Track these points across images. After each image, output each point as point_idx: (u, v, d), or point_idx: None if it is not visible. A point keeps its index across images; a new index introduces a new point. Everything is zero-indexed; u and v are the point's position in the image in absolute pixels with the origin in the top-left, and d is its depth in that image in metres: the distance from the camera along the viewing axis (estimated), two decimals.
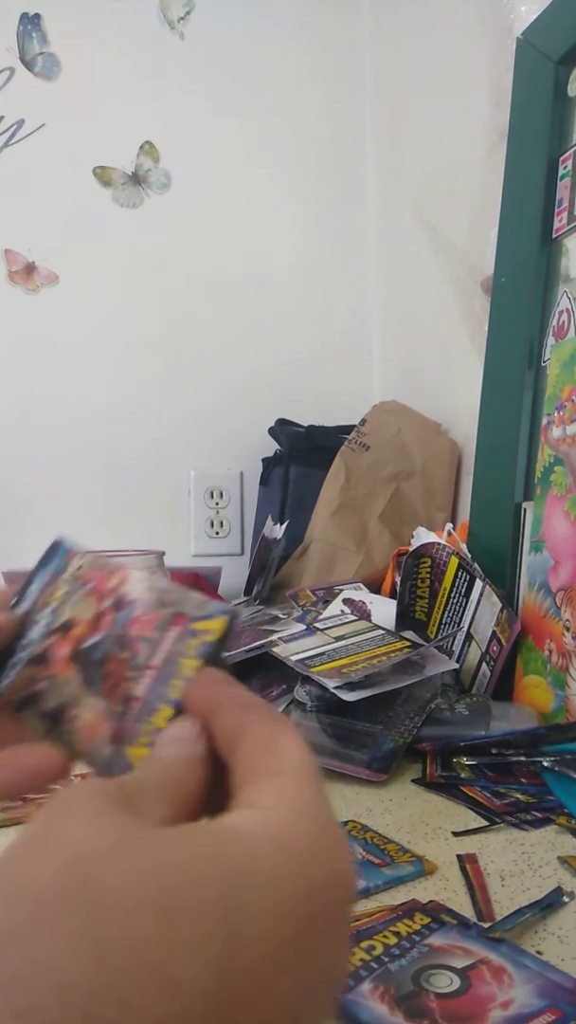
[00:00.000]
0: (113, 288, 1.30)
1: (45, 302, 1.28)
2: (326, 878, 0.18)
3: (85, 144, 1.28)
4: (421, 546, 0.85)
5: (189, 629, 0.27)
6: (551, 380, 0.78)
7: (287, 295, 1.39)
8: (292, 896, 0.17)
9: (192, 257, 1.34)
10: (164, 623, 0.27)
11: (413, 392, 1.24)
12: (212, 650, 0.26)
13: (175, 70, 1.31)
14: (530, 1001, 0.35)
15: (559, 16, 0.85)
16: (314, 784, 0.21)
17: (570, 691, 0.69)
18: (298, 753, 0.21)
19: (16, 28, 1.24)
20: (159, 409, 1.32)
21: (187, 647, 0.26)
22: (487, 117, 1.02)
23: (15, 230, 1.26)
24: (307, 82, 1.39)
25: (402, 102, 1.32)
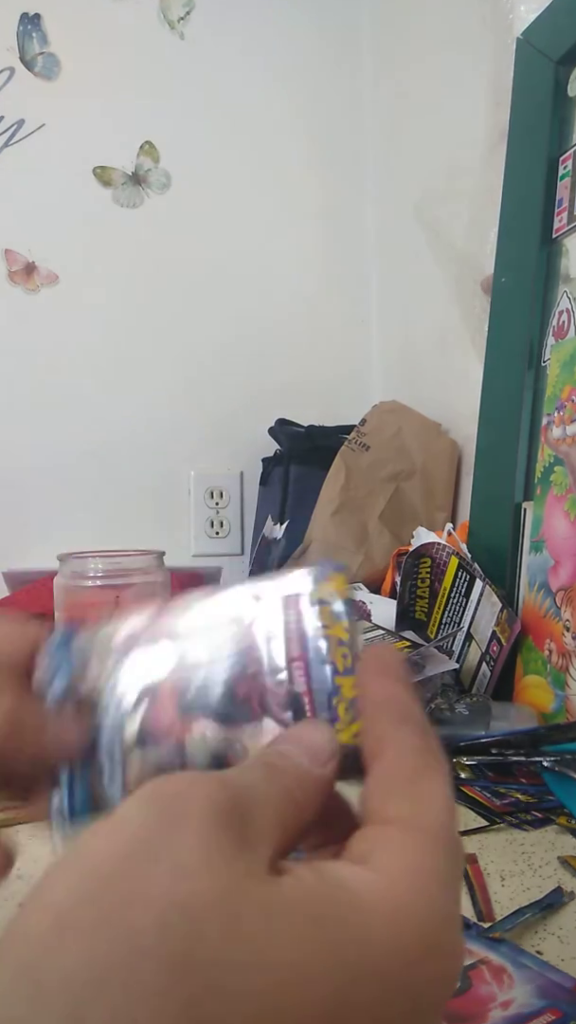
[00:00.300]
0: (113, 288, 1.30)
1: (45, 302, 1.28)
2: (434, 980, 0.16)
3: (85, 144, 1.28)
4: (421, 546, 0.85)
5: (311, 600, 0.23)
6: (551, 380, 0.78)
7: (287, 295, 1.39)
8: (397, 997, 0.16)
9: (192, 257, 1.34)
10: (276, 613, 0.23)
11: (413, 392, 1.24)
12: (350, 607, 0.23)
13: (175, 70, 1.31)
14: (530, 1001, 0.35)
15: (559, 16, 0.85)
16: (448, 852, 0.18)
17: (570, 691, 0.69)
18: (440, 804, 0.19)
19: (16, 28, 1.24)
20: (159, 409, 1.32)
21: (322, 616, 0.23)
22: (487, 117, 1.02)
23: (15, 230, 1.26)
24: (307, 82, 1.39)
25: (402, 102, 1.32)
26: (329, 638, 0.22)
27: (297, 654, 0.23)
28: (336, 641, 0.22)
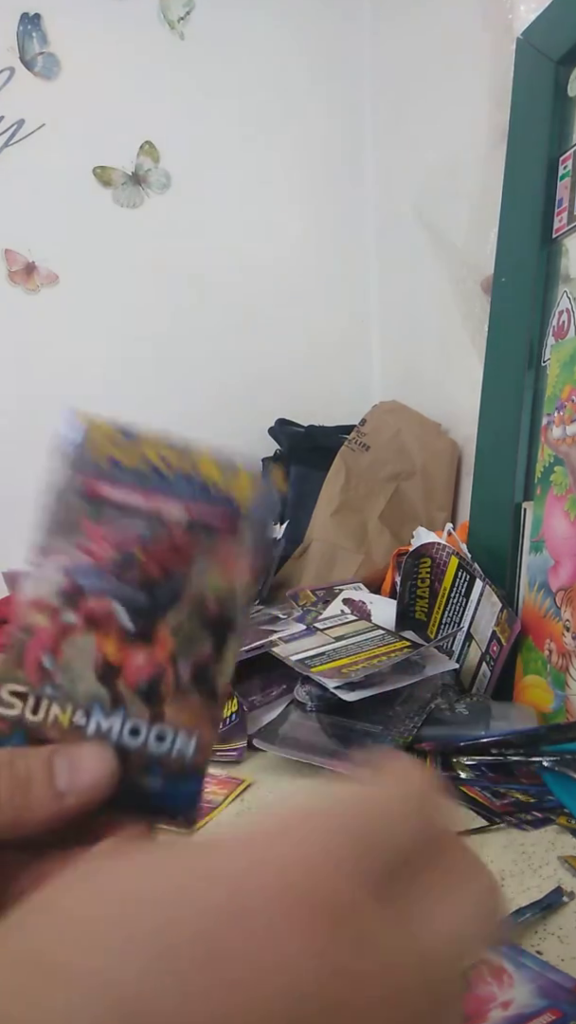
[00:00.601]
0: (113, 288, 1.30)
1: (45, 302, 1.28)
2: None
3: (85, 144, 1.28)
4: (421, 546, 0.85)
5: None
6: (551, 380, 0.78)
7: (287, 295, 1.39)
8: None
9: (192, 257, 1.34)
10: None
11: (413, 392, 1.24)
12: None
13: (175, 70, 1.31)
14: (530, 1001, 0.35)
15: (559, 16, 0.85)
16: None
17: (570, 691, 0.69)
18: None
19: (16, 28, 1.24)
20: (158, 409, 1.31)
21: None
22: (487, 117, 1.02)
23: (15, 230, 1.26)
24: (307, 82, 1.39)
25: (402, 102, 1.32)
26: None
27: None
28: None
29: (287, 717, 0.69)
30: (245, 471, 0.25)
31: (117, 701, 0.23)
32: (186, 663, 0.24)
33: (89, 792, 0.22)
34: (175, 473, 0.24)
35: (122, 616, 0.24)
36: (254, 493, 0.25)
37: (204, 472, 0.24)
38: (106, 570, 0.24)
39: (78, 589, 0.24)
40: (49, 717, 0.23)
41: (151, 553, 0.24)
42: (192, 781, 0.24)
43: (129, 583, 0.24)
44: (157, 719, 0.24)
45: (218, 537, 0.24)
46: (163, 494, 0.24)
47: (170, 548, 0.24)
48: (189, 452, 0.24)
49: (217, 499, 0.24)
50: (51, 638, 0.23)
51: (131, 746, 0.23)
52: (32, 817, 0.21)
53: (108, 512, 0.24)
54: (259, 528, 0.25)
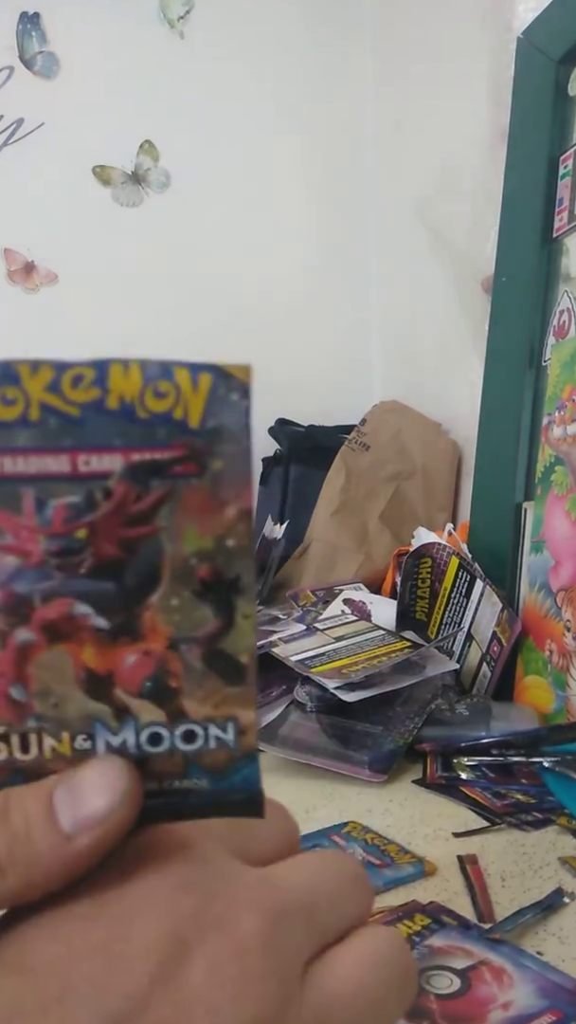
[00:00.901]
0: (112, 287, 1.30)
1: (44, 301, 1.28)
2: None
3: (84, 143, 1.28)
4: (421, 546, 0.85)
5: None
6: (552, 380, 0.78)
7: (287, 294, 1.39)
8: None
9: (191, 256, 1.34)
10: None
11: (413, 392, 1.24)
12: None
13: (175, 69, 1.31)
14: (531, 1002, 0.35)
15: (559, 15, 0.85)
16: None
17: (571, 692, 0.68)
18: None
19: (15, 27, 1.24)
20: None
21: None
22: (487, 117, 1.02)
23: (14, 229, 1.26)
24: (307, 82, 1.38)
25: (402, 102, 1.32)
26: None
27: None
28: None
29: (287, 718, 0.69)
30: (183, 371, 0.18)
31: (122, 713, 0.19)
32: (192, 646, 0.19)
33: (103, 825, 0.18)
34: (86, 410, 0.18)
35: (91, 615, 0.19)
36: (207, 401, 0.18)
37: (125, 394, 0.18)
38: (47, 566, 0.18)
39: (21, 599, 0.18)
40: (45, 750, 0.19)
41: (98, 528, 0.18)
42: (244, 768, 0.20)
43: (83, 574, 0.18)
44: (178, 718, 0.19)
45: (178, 478, 0.18)
46: (84, 445, 0.18)
47: (120, 514, 0.18)
48: (98, 372, 0.18)
49: (155, 426, 0.18)
50: (10, 665, 0.19)
51: (156, 754, 0.19)
52: (42, 874, 0.17)
53: (20, 491, 0.18)
54: (231, 445, 0.18)
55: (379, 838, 0.51)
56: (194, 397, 0.18)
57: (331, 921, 0.19)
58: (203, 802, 0.20)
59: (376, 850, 0.49)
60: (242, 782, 0.20)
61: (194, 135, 1.33)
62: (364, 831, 0.52)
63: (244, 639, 0.19)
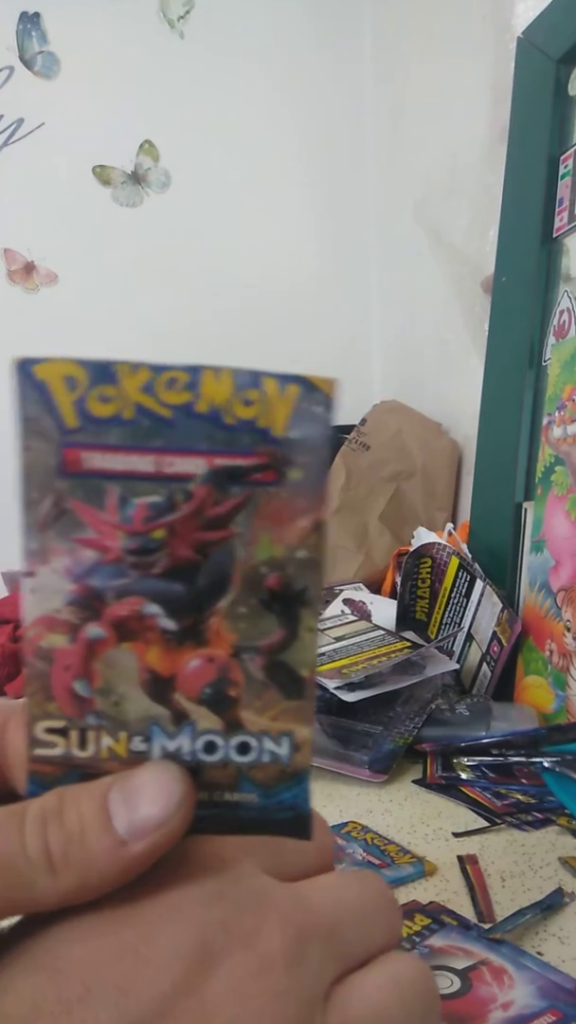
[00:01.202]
0: (112, 287, 1.30)
1: (44, 301, 1.28)
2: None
3: (84, 143, 1.28)
4: (421, 546, 0.85)
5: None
6: (552, 380, 0.78)
7: (287, 294, 1.39)
8: None
9: (191, 256, 1.34)
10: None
11: (413, 392, 1.24)
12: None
13: (175, 69, 1.31)
14: (531, 1002, 0.35)
15: (559, 15, 0.85)
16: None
17: (571, 692, 0.68)
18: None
19: (16, 27, 1.24)
20: None
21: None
22: (487, 116, 1.02)
23: (14, 229, 1.26)
24: (307, 81, 1.38)
25: (402, 101, 1.32)
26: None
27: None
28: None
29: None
30: (272, 381, 0.18)
31: (180, 718, 0.19)
32: (254, 655, 0.19)
33: (157, 832, 0.17)
34: (177, 413, 0.18)
35: (160, 616, 0.19)
36: (292, 411, 0.18)
37: (215, 400, 0.18)
38: (123, 563, 0.18)
39: (94, 594, 0.18)
40: (101, 749, 0.19)
41: (176, 530, 0.18)
42: (295, 786, 0.20)
43: (157, 574, 0.18)
44: (234, 728, 0.19)
45: (257, 486, 0.18)
46: (171, 447, 0.18)
47: (198, 518, 0.18)
48: (191, 377, 0.18)
49: (240, 433, 0.18)
50: (78, 659, 0.19)
51: (210, 763, 0.19)
52: (97, 877, 0.17)
53: (106, 488, 0.18)
54: (311, 456, 0.18)
55: (379, 838, 0.51)
56: (280, 407, 0.18)
57: (357, 945, 0.19)
58: (250, 817, 0.20)
59: (376, 850, 0.49)
60: (291, 800, 0.20)
61: (194, 135, 1.33)
62: (364, 831, 0.52)
63: (306, 653, 0.19)
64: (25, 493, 0.18)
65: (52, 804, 0.17)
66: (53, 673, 0.19)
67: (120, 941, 0.16)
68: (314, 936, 0.18)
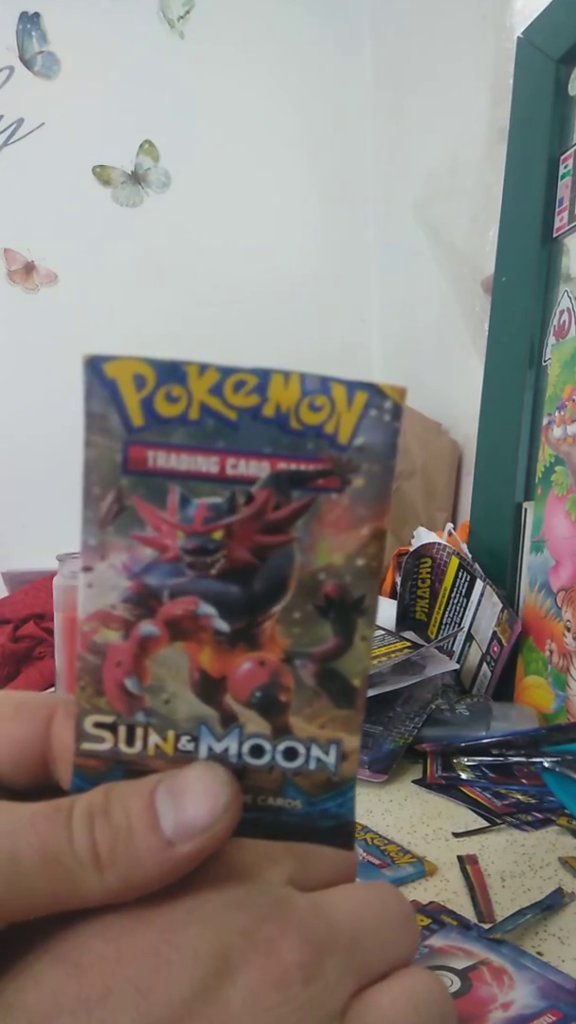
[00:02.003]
0: (112, 287, 1.30)
1: (44, 301, 1.28)
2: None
3: (84, 143, 1.28)
4: (421, 546, 0.85)
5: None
6: (552, 380, 0.78)
7: (287, 294, 1.39)
8: None
9: (191, 256, 1.34)
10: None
11: (413, 392, 1.23)
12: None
13: (175, 69, 1.31)
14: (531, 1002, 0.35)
15: (559, 15, 0.85)
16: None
17: (571, 692, 0.68)
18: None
19: (16, 27, 1.24)
20: None
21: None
22: (487, 116, 1.02)
23: (14, 229, 1.26)
24: (307, 81, 1.38)
25: (402, 101, 1.32)
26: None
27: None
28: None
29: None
30: (341, 388, 0.18)
31: (228, 719, 0.19)
32: (306, 662, 0.19)
33: (204, 834, 0.17)
34: (243, 415, 0.18)
35: (214, 617, 0.19)
36: (359, 418, 0.18)
37: (282, 404, 0.18)
38: (181, 563, 0.18)
39: (150, 591, 0.18)
40: (148, 746, 0.19)
41: (235, 532, 0.18)
42: (340, 795, 0.20)
43: (214, 575, 0.18)
44: (282, 733, 0.19)
45: (319, 491, 0.18)
46: (235, 449, 0.18)
47: (258, 521, 0.18)
48: (260, 380, 0.18)
49: (306, 438, 0.18)
50: (130, 656, 0.19)
51: (256, 767, 0.19)
52: (142, 875, 0.17)
53: (168, 486, 0.18)
54: (376, 465, 0.18)
55: (379, 838, 0.51)
56: (347, 413, 0.18)
57: (375, 959, 0.19)
58: (294, 823, 0.20)
59: (376, 850, 0.49)
60: (336, 808, 0.20)
61: (194, 135, 1.33)
62: (364, 831, 0.52)
63: (359, 662, 0.19)
64: (87, 488, 0.19)
65: (99, 800, 0.17)
66: (105, 668, 0.19)
67: (143, 941, 0.17)
68: (333, 949, 0.18)
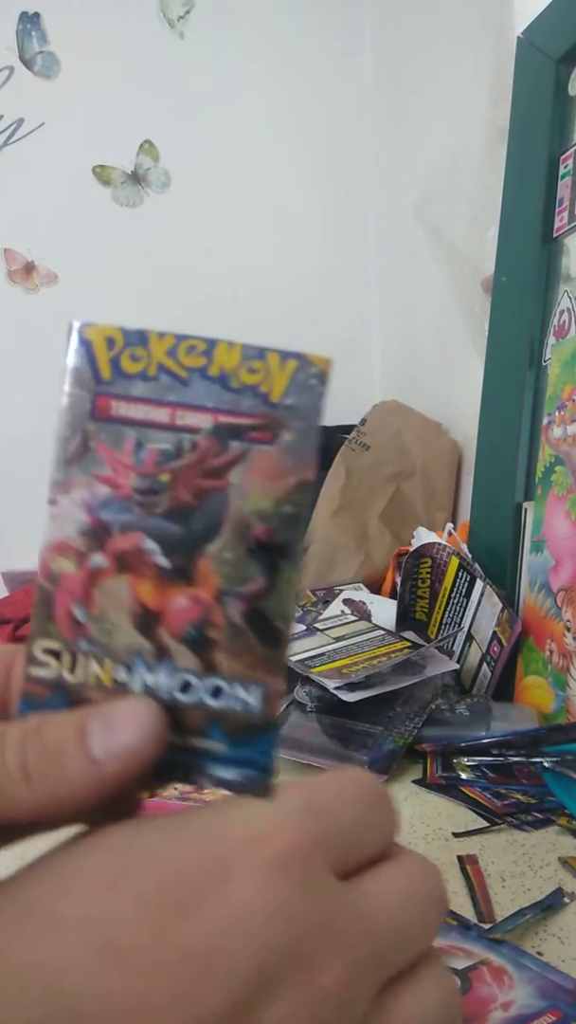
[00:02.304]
0: (112, 287, 1.30)
1: (44, 301, 1.28)
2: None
3: (84, 143, 1.28)
4: (421, 546, 0.85)
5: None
6: (552, 380, 0.78)
7: (287, 294, 1.39)
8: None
9: (191, 256, 1.34)
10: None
11: (413, 392, 1.24)
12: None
13: (175, 69, 1.31)
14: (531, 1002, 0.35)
15: (559, 15, 0.85)
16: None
17: (571, 692, 0.68)
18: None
19: (16, 27, 1.24)
20: None
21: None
22: (487, 116, 1.02)
23: (14, 229, 1.26)
24: (307, 81, 1.38)
25: (402, 101, 1.32)
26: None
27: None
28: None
29: (287, 718, 0.69)
30: (275, 355, 0.21)
31: (161, 652, 0.20)
32: (236, 601, 0.20)
33: (130, 756, 0.19)
34: (193, 373, 0.21)
35: (156, 553, 0.20)
36: (289, 381, 0.21)
37: (226, 366, 0.21)
38: (131, 500, 0.21)
39: (103, 526, 0.21)
40: (89, 675, 0.21)
41: (179, 475, 0.20)
42: (262, 739, 0.20)
43: (159, 513, 0.21)
44: (210, 670, 0.20)
45: (253, 443, 0.20)
46: (183, 402, 0.21)
47: (200, 466, 0.20)
48: (207, 346, 0.21)
49: (243, 395, 0.20)
50: (81, 585, 0.21)
51: (183, 704, 0.20)
52: (69, 792, 0.18)
53: (126, 433, 0.21)
54: (302, 422, 0.20)
55: None
56: (279, 376, 0.21)
57: (404, 959, 0.19)
58: (217, 765, 0.21)
59: None
60: (256, 756, 0.21)
61: (194, 135, 1.33)
62: None
63: (284, 605, 0.20)
64: (60, 431, 0.21)
65: (34, 724, 0.19)
66: (57, 595, 0.21)
67: (185, 934, 0.16)
68: (370, 967, 0.18)
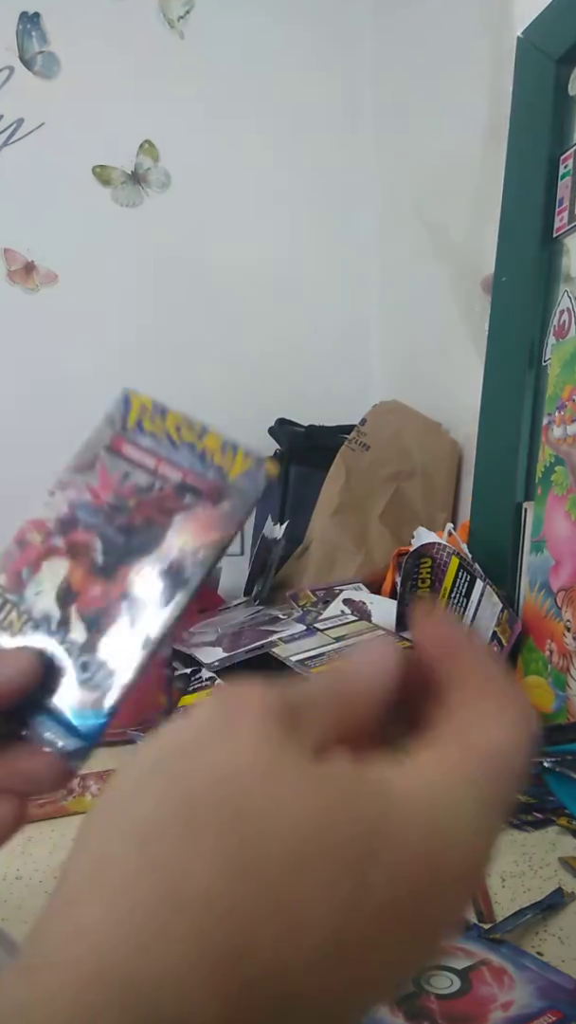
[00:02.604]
0: (112, 287, 1.30)
1: (44, 301, 1.28)
2: (446, 870, 0.18)
3: (84, 143, 1.28)
4: (421, 546, 0.85)
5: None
6: (552, 380, 0.78)
7: (287, 294, 1.39)
8: (407, 868, 0.18)
9: (191, 256, 1.34)
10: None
11: (413, 392, 1.24)
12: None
13: (175, 69, 1.31)
14: (530, 1002, 0.35)
15: (559, 15, 0.85)
16: (492, 772, 0.20)
17: (571, 692, 0.68)
18: (501, 734, 0.20)
19: (16, 27, 1.24)
20: None
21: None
22: (487, 116, 1.02)
23: (14, 229, 1.26)
24: (307, 81, 1.38)
25: (402, 101, 1.32)
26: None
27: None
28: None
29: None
30: (242, 450, 0.27)
31: (63, 623, 0.27)
32: (132, 605, 0.26)
33: (5, 684, 0.25)
34: (183, 443, 0.28)
35: (98, 551, 0.27)
36: (244, 470, 0.27)
37: (207, 446, 0.27)
38: (102, 510, 0.28)
39: (73, 520, 0.28)
40: (7, 620, 0.28)
41: (141, 504, 0.28)
42: (99, 717, 0.25)
43: (115, 525, 0.28)
44: (90, 649, 0.26)
45: (201, 501, 0.27)
46: (169, 459, 0.28)
47: (158, 504, 0.27)
48: (202, 430, 0.28)
49: (209, 468, 0.27)
50: (36, 554, 0.28)
51: (59, 667, 0.26)
52: None
53: (122, 465, 0.28)
54: (240, 501, 0.27)
55: None
56: (239, 465, 0.27)
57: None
58: (59, 725, 0.26)
59: None
60: (87, 727, 0.26)
61: (194, 135, 1.33)
62: None
63: (166, 621, 0.26)
64: (81, 448, 0.30)
65: None
66: (17, 557, 0.29)
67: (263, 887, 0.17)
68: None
